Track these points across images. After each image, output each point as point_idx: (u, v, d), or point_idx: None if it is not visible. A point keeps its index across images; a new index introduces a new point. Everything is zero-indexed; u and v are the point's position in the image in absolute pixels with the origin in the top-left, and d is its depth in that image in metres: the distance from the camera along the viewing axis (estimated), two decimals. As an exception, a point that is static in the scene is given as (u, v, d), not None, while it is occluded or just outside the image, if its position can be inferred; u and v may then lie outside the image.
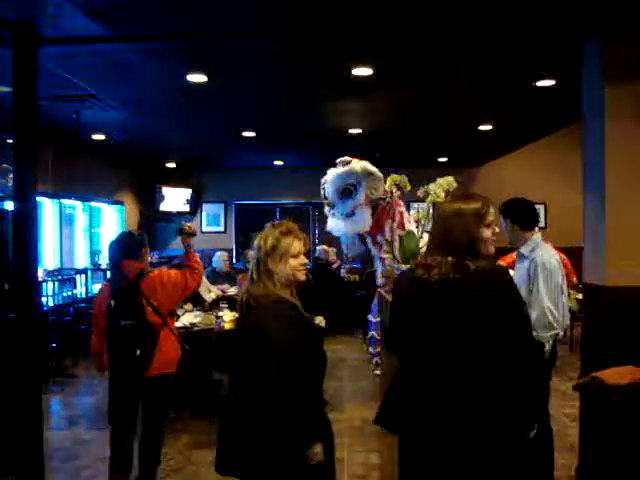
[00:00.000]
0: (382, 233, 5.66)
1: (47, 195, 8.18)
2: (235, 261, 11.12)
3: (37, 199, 3.82)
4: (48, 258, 8.47)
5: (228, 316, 5.59)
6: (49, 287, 7.61)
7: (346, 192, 5.76)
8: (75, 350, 7.54)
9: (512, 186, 9.78)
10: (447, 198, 2.42)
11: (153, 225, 11.57)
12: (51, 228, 8.64)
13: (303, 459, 2.19)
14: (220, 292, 7.24)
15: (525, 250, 3.65)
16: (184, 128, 7.83)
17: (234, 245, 12.20)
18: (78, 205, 9.58)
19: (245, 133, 8.04)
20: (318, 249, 9.95)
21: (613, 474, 3.28)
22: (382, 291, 5.21)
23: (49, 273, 7.94)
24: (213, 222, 12.22)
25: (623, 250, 3.91)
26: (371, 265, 7.33)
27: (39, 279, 6.20)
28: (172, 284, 3.75)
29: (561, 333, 3.58)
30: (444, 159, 10.57)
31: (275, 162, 11.07)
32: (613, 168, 3.97)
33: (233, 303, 5.30)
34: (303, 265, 2.37)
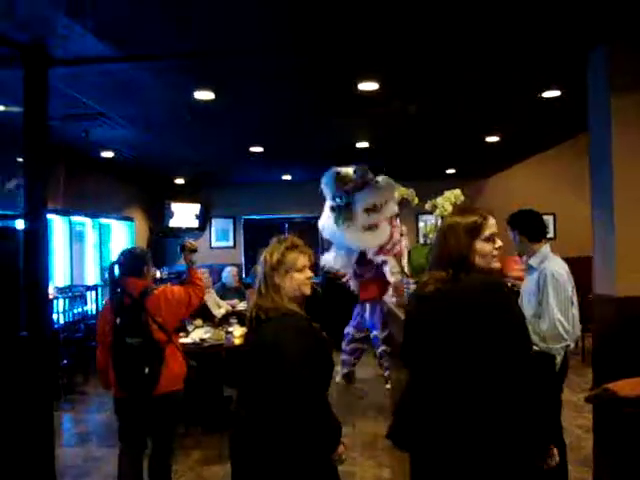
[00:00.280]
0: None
1: (57, 212, 8.25)
2: (244, 276, 11.13)
3: (48, 216, 3.86)
4: (58, 275, 8.51)
5: (238, 331, 5.59)
6: (60, 304, 7.65)
7: (374, 207, 5.89)
8: (86, 367, 7.56)
9: (520, 197, 9.79)
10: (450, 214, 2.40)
11: (162, 241, 11.61)
12: (61, 245, 8.70)
13: (329, 464, 2.30)
14: (230, 307, 7.26)
15: (534, 262, 3.64)
16: (192, 144, 7.88)
17: (243, 260, 12.21)
18: (88, 222, 9.64)
19: (253, 149, 8.08)
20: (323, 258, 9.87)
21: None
22: (391, 305, 5.21)
23: (60, 290, 7.99)
24: (222, 237, 12.25)
25: (633, 261, 3.90)
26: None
27: (50, 296, 6.24)
28: (176, 301, 3.76)
29: (572, 345, 3.56)
30: (452, 171, 10.58)
31: (283, 177, 11.11)
32: (621, 180, 3.96)
33: (243, 318, 5.31)
34: (309, 279, 2.42)
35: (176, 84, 5.05)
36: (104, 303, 4.00)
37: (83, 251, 9.53)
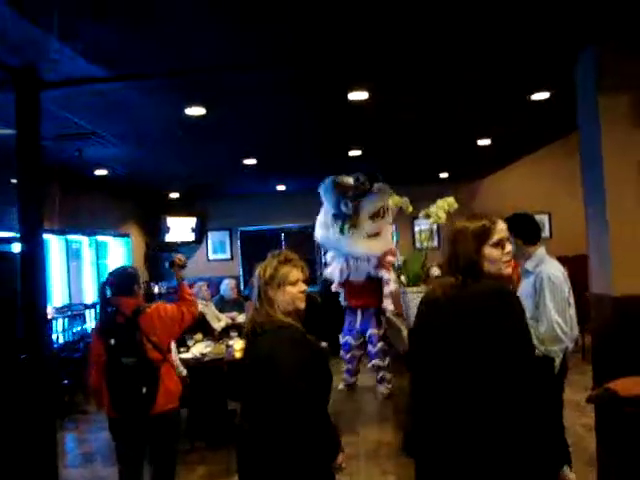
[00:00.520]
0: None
1: (54, 232, 8.24)
2: (243, 287, 11.13)
3: (44, 236, 3.85)
4: (57, 294, 8.50)
5: (238, 344, 5.59)
6: (59, 324, 7.64)
7: (378, 213, 5.94)
8: (87, 386, 7.52)
9: (515, 198, 9.84)
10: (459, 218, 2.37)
11: (159, 256, 11.60)
12: (58, 264, 8.70)
13: (329, 473, 2.33)
14: (229, 320, 7.25)
15: (530, 265, 3.66)
16: (185, 159, 7.90)
17: (241, 272, 12.20)
18: (84, 240, 9.65)
19: (246, 161, 8.09)
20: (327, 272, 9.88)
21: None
22: (389, 314, 5.23)
23: (58, 310, 7.98)
24: (219, 250, 12.23)
25: (628, 259, 3.91)
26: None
27: (48, 316, 6.23)
28: (169, 318, 3.73)
29: (570, 346, 3.58)
30: (445, 175, 10.60)
31: (277, 187, 11.13)
32: (612, 176, 3.99)
33: (243, 331, 5.31)
34: (302, 293, 2.45)
35: (167, 101, 5.08)
36: (96, 323, 3.95)
37: (80, 269, 9.53)
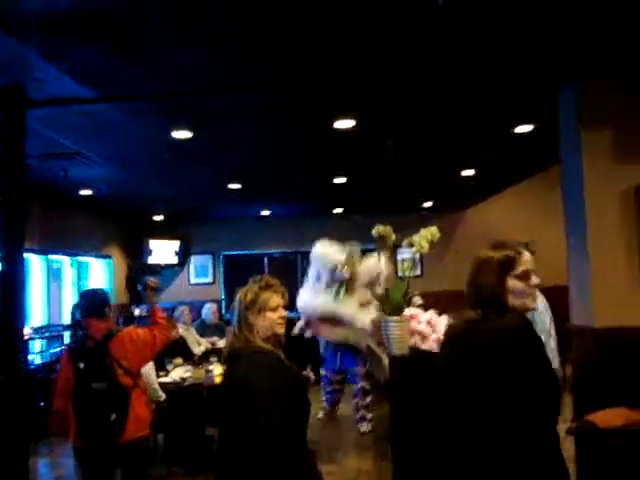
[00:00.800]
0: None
1: (34, 251, 8.15)
2: (225, 311, 11.05)
3: (24, 256, 3.81)
4: (35, 314, 8.36)
5: (218, 369, 5.54)
6: (36, 345, 7.51)
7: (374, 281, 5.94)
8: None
9: (498, 228, 9.94)
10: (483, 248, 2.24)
11: (141, 278, 11.49)
12: (39, 284, 8.58)
13: None
14: (209, 345, 7.20)
15: (511, 296, 3.67)
16: (170, 182, 7.89)
17: (223, 296, 12.12)
18: (66, 260, 9.55)
19: (231, 185, 8.10)
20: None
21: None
22: (370, 342, 5.22)
23: (36, 330, 7.85)
24: (201, 274, 12.15)
25: (609, 290, 3.96)
26: None
27: (25, 337, 6.13)
28: (142, 342, 3.66)
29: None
30: (429, 204, 10.68)
31: (262, 212, 11.14)
32: (593, 210, 4.06)
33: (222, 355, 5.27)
34: (281, 318, 2.45)
35: (153, 124, 5.08)
36: (65, 347, 3.87)
37: (61, 289, 9.41)
